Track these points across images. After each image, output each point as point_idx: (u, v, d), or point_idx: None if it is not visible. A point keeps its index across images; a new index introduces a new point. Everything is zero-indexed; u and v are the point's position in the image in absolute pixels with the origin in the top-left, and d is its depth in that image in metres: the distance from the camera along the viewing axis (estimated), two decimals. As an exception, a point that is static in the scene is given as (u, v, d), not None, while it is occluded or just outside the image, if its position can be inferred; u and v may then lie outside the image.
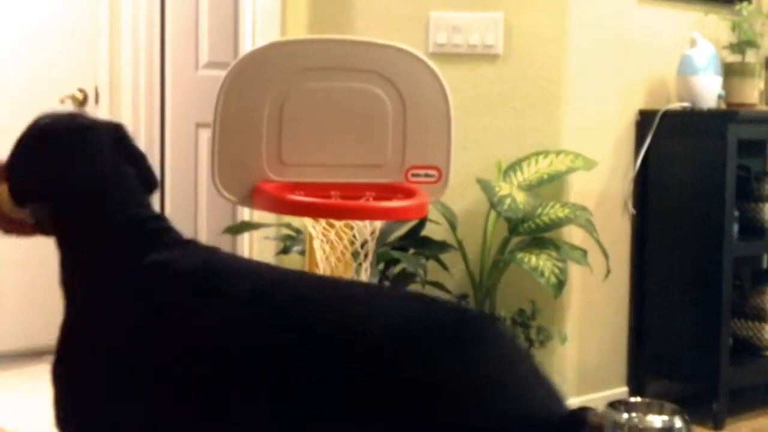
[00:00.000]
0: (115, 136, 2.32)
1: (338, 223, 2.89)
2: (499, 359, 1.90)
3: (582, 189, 4.44)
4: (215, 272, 2.10)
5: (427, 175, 3.03)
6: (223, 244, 5.57)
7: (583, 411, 1.85)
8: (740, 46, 4.69)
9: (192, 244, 2.23)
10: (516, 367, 1.91)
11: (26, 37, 5.20)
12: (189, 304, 2.05)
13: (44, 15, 5.24)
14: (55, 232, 2.23)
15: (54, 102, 5.25)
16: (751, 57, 4.72)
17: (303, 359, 1.91)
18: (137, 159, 2.35)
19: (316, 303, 1.98)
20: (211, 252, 2.21)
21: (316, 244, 2.91)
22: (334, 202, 2.85)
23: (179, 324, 2.03)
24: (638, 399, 4.45)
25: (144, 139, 5.23)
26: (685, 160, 4.48)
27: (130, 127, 5.13)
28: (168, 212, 5.44)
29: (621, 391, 4.67)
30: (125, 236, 2.17)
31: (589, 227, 4.18)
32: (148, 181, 2.37)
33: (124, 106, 5.22)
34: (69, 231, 2.21)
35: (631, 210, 4.65)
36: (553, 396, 1.92)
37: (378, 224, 2.96)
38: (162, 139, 5.38)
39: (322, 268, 2.91)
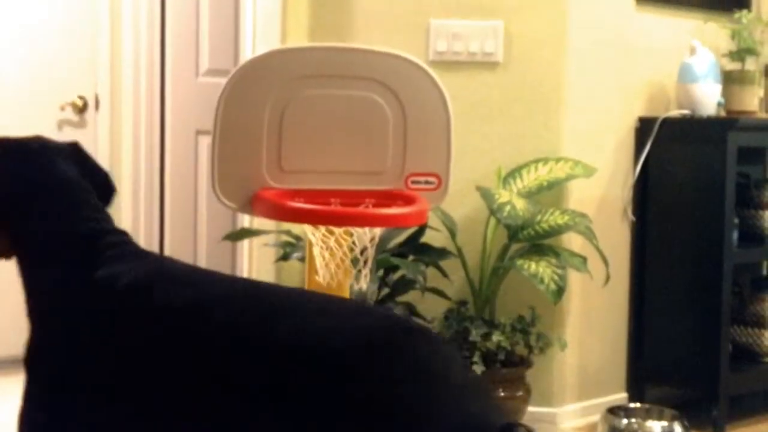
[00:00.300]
0: (73, 152, 2.36)
1: (338, 230, 2.90)
2: (429, 373, 1.88)
3: (582, 196, 4.44)
4: (157, 284, 2.10)
5: (426, 182, 3.04)
6: (223, 251, 5.59)
7: (514, 425, 1.84)
8: (740, 53, 4.70)
9: (144, 256, 2.23)
10: (448, 380, 1.89)
11: (27, 41, 5.21)
12: (129, 317, 2.06)
13: (44, 18, 5.25)
14: (14, 250, 2.25)
15: (54, 108, 5.25)
16: (750, 65, 4.73)
17: (228, 371, 1.92)
18: (95, 173, 2.39)
19: (253, 316, 1.99)
20: (161, 263, 2.20)
21: (316, 250, 2.92)
22: (333, 209, 2.86)
23: (123, 337, 2.05)
24: (638, 405, 4.45)
25: (144, 146, 5.24)
26: (684, 167, 4.48)
27: (130, 134, 5.17)
28: (168, 219, 5.44)
29: (621, 396, 4.68)
30: (78, 252, 2.18)
31: (589, 234, 4.18)
32: (106, 194, 2.41)
33: (124, 112, 5.23)
34: (24, 248, 2.23)
35: (631, 217, 4.65)
36: (488, 407, 1.91)
37: (377, 231, 2.96)
38: (162, 146, 5.38)
39: (322, 275, 2.91)
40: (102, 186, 2.42)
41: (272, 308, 2.00)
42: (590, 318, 4.54)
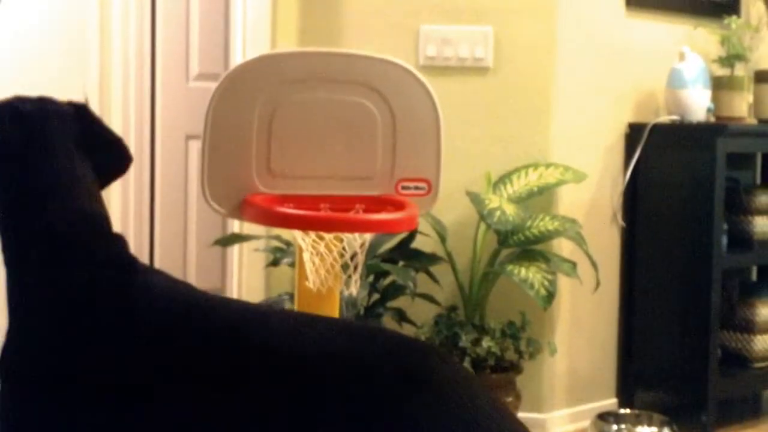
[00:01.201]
0: (77, 117, 2.24)
1: (328, 236, 2.89)
2: (464, 398, 1.85)
3: (571, 201, 4.45)
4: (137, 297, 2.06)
5: (416, 188, 3.03)
6: (213, 256, 5.58)
7: None
8: (729, 59, 4.71)
9: (124, 263, 2.15)
10: (478, 402, 1.86)
11: (16, 46, 5.19)
12: (112, 327, 2.03)
13: (34, 22, 5.24)
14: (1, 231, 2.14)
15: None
16: (740, 70, 4.74)
17: (238, 375, 1.91)
18: (105, 140, 2.27)
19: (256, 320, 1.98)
20: (151, 277, 2.14)
21: (306, 256, 2.91)
22: (323, 215, 2.85)
23: (104, 347, 2.02)
24: (627, 410, 4.45)
25: (134, 150, 5.23)
26: (674, 173, 4.49)
27: (120, 139, 5.15)
28: (158, 224, 5.43)
29: (610, 402, 4.68)
30: (52, 250, 2.09)
31: (579, 239, 4.19)
32: (119, 163, 2.29)
33: (114, 117, 5.21)
34: (13, 234, 2.13)
35: (621, 222, 4.66)
36: (518, 424, 1.89)
37: (368, 236, 2.96)
38: (152, 151, 5.38)
39: (312, 281, 2.91)
40: (114, 154, 2.30)
41: (249, 318, 2.00)
42: (580, 323, 4.55)
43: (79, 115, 2.25)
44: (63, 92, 5.25)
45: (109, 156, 2.30)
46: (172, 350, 1.98)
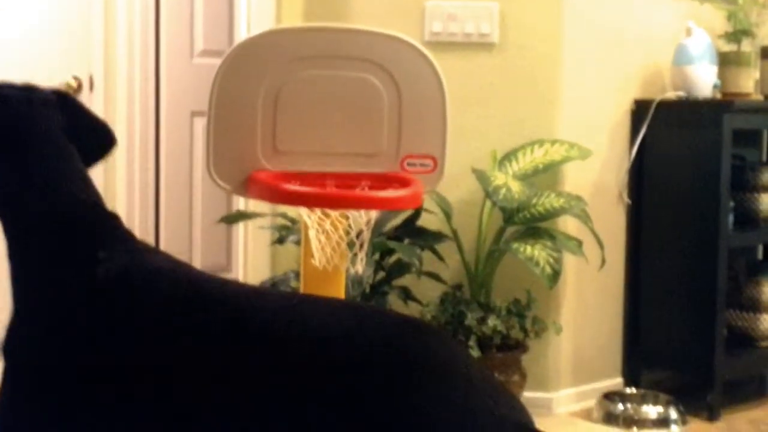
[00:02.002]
0: (60, 102, 2.24)
1: (333, 213, 2.88)
2: (452, 373, 1.85)
3: (577, 179, 4.43)
4: (150, 276, 2.05)
5: (422, 165, 3.02)
6: (219, 233, 5.57)
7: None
8: (736, 35, 4.67)
9: (122, 245, 2.14)
10: (470, 380, 1.85)
11: (21, 22, 5.18)
12: (111, 314, 2.02)
13: (40, 1, 5.22)
14: None
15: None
16: (746, 46, 4.71)
17: (243, 363, 1.90)
18: (89, 124, 2.28)
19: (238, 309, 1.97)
20: (146, 255, 2.13)
21: (312, 233, 2.90)
22: (329, 192, 2.84)
23: (104, 333, 2.00)
24: (633, 390, 4.46)
25: (139, 127, 5.21)
26: (680, 150, 4.47)
27: (124, 116, 5.14)
28: (163, 201, 5.42)
29: (616, 381, 4.67)
30: (51, 236, 2.09)
31: (584, 217, 4.17)
32: (104, 146, 2.29)
33: (119, 94, 5.20)
34: (11, 219, 2.13)
35: (626, 200, 4.64)
36: (516, 407, 1.89)
37: (373, 214, 2.95)
38: (157, 128, 5.36)
39: (318, 258, 2.90)
40: (100, 138, 2.31)
41: (255, 304, 1.99)
42: (586, 302, 4.54)
43: (62, 101, 2.26)
44: (67, 70, 5.25)
45: (93, 139, 2.31)
46: (168, 336, 1.96)
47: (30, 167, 2.12)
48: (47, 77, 5.27)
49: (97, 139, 2.32)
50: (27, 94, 2.21)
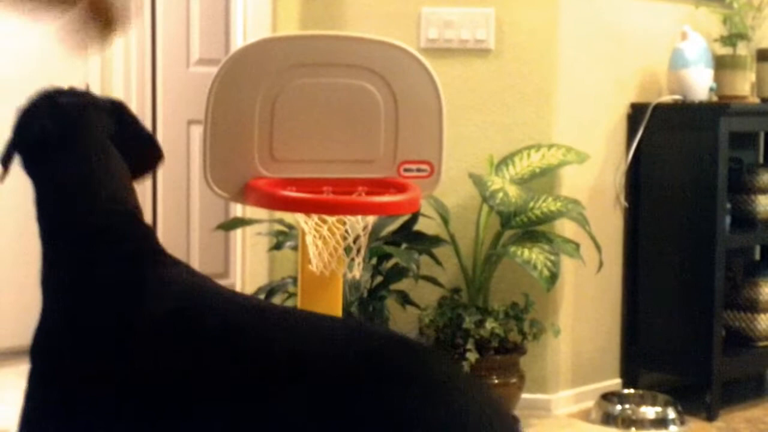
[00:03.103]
0: (113, 111, 2.27)
1: (331, 219, 2.89)
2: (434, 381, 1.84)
3: (574, 182, 4.44)
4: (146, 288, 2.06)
5: (419, 170, 3.03)
6: (216, 240, 5.59)
7: None
8: (731, 38, 4.69)
9: (141, 257, 2.15)
10: (471, 400, 1.84)
11: (18, 32, 5.19)
12: (123, 324, 2.02)
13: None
14: (38, 219, 2.16)
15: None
16: (742, 49, 4.73)
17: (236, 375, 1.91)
18: (137, 136, 2.30)
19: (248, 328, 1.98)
20: (150, 267, 2.14)
21: (309, 239, 2.91)
22: (326, 198, 2.85)
23: (115, 341, 2.01)
24: (631, 391, 4.47)
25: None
26: (677, 153, 4.49)
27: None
28: (160, 209, 5.44)
29: (614, 382, 4.68)
30: (80, 242, 2.10)
31: (582, 221, 4.18)
32: (151, 160, 2.32)
33: (115, 103, 5.21)
34: (48, 222, 2.16)
35: (624, 203, 4.66)
36: (501, 411, 1.89)
37: (370, 219, 2.96)
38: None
39: (315, 264, 2.91)
40: (148, 150, 2.33)
41: (255, 316, 2.00)
42: (584, 304, 4.55)
43: (115, 110, 2.28)
44: (64, 78, 5.25)
45: (141, 152, 2.33)
46: (174, 350, 1.97)
47: (70, 171, 2.15)
48: (44, 86, 5.28)
49: (145, 152, 2.34)
50: (79, 100, 2.23)
